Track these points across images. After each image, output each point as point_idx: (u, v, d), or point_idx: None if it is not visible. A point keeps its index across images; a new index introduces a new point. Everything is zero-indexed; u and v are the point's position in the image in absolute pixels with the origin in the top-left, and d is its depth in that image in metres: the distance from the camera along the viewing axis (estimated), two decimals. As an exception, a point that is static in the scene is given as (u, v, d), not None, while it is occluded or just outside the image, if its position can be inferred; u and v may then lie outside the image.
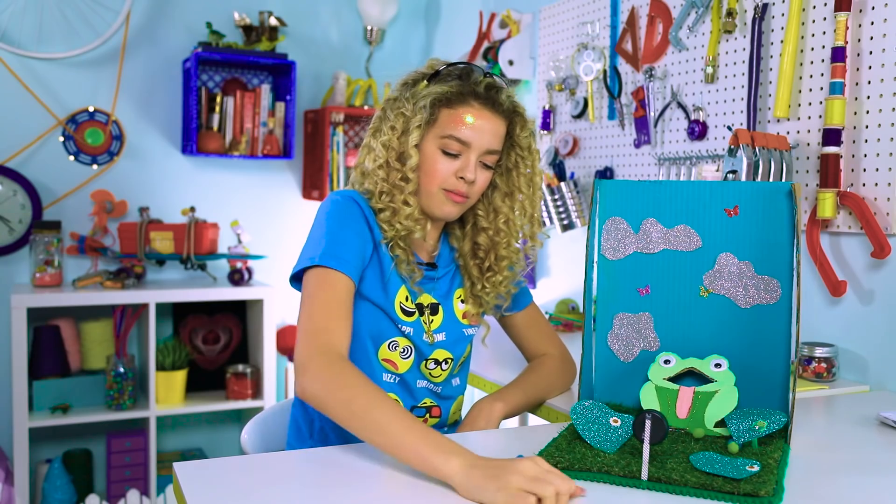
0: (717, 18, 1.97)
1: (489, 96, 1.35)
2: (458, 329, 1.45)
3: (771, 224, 1.24)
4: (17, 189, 2.86)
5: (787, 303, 1.23)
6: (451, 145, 1.35)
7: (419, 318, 1.38)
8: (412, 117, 1.35)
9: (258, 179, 3.24)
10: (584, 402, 1.22)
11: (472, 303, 1.46)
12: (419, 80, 1.39)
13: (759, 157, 1.69)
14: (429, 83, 1.37)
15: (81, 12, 2.92)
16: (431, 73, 1.39)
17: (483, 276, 1.44)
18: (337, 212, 1.33)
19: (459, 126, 1.34)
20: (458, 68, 1.40)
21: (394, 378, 1.38)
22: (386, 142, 1.36)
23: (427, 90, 1.35)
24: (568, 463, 1.05)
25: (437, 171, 1.35)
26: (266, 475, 1.05)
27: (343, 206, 1.34)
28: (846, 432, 1.30)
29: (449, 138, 1.34)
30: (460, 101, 1.35)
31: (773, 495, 0.95)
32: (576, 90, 2.46)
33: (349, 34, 3.38)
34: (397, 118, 1.37)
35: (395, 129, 1.36)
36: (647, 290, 1.31)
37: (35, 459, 2.87)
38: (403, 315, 1.36)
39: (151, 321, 2.76)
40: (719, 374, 1.23)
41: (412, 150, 1.34)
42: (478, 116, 1.35)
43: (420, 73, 1.41)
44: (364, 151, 1.42)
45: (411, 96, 1.37)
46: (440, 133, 1.35)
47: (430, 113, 1.34)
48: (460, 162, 1.36)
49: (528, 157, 1.42)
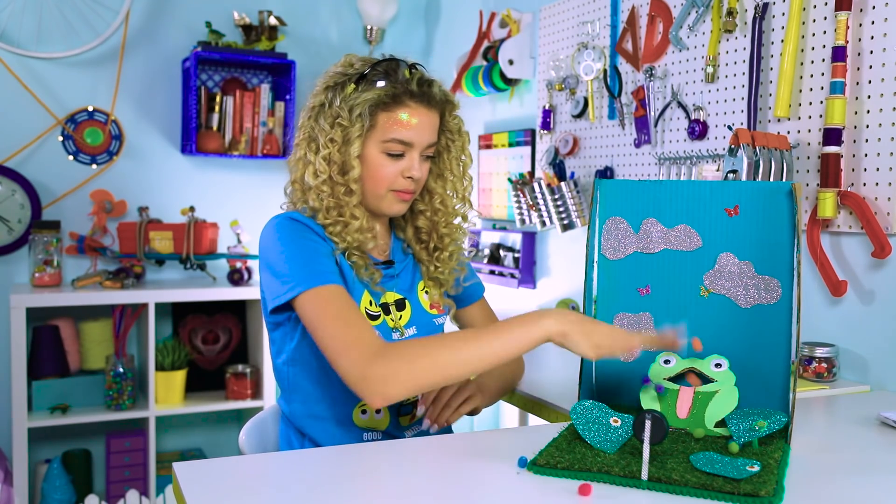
0: (717, 18, 1.96)
1: (423, 92, 1.35)
2: (428, 320, 1.46)
3: (771, 224, 1.24)
4: (17, 189, 2.85)
5: (788, 303, 1.23)
6: (393, 147, 1.35)
7: (384, 320, 1.39)
8: (350, 127, 1.33)
9: (258, 179, 3.24)
10: (584, 402, 1.22)
11: (433, 287, 1.48)
12: (345, 84, 1.36)
13: (759, 156, 1.68)
14: (357, 86, 1.34)
15: (81, 12, 2.91)
16: (357, 74, 1.36)
17: (432, 258, 1.47)
18: (288, 234, 1.31)
19: (400, 128, 1.34)
20: (382, 66, 1.37)
21: None
22: (327, 156, 1.34)
23: (360, 96, 1.33)
24: (568, 463, 1.05)
25: (383, 175, 1.36)
26: (266, 475, 1.04)
27: (290, 226, 1.33)
28: (846, 432, 1.30)
29: (391, 141, 1.34)
30: (396, 102, 1.34)
31: (773, 495, 0.95)
32: (576, 90, 2.46)
33: (349, 34, 3.38)
34: (335, 129, 1.34)
35: (335, 140, 1.34)
36: (647, 290, 1.31)
37: (34, 460, 2.87)
38: (370, 319, 1.36)
39: (151, 321, 2.76)
40: (719, 374, 1.23)
41: (355, 160, 1.33)
42: (416, 115, 1.35)
43: (342, 75, 1.37)
44: (300, 165, 1.39)
45: (343, 103, 1.33)
46: (381, 137, 1.34)
47: (369, 119, 1.33)
48: (405, 161, 1.37)
49: (458, 140, 1.44)
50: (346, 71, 1.37)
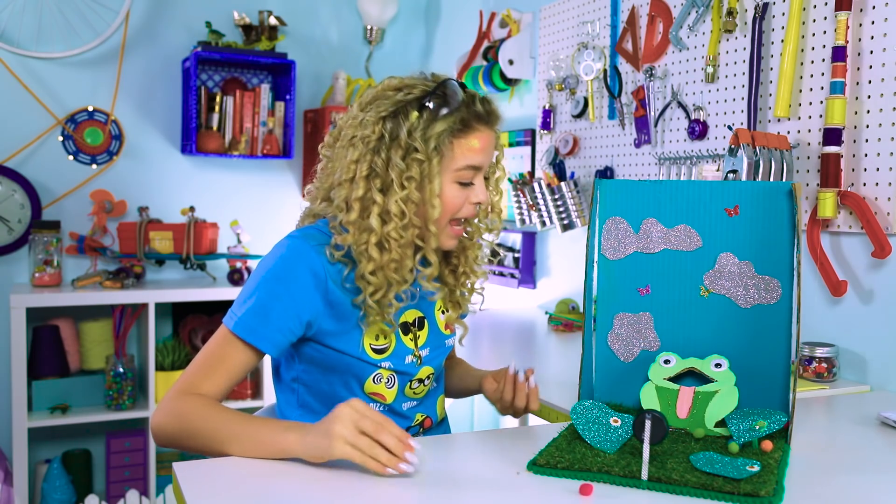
0: (717, 18, 1.96)
1: (487, 112, 1.29)
2: (440, 340, 1.41)
3: (771, 224, 1.24)
4: (17, 189, 2.85)
5: (788, 303, 1.23)
6: (466, 175, 1.28)
7: (400, 342, 1.32)
8: (428, 162, 1.23)
9: (258, 179, 3.24)
10: (585, 402, 1.22)
11: (452, 308, 1.42)
12: (405, 112, 1.25)
13: (759, 156, 1.68)
14: (420, 114, 1.24)
15: (81, 12, 2.91)
16: (415, 100, 1.26)
17: (458, 282, 1.41)
18: (276, 275, 1.23)
19: (472, 154, 1.27)
20: (447, 90, 1.27)
21: (382, 408, 1.33)
22: (406, 197, 1.23)
23: (433, 127, 1.23)
24: (568, 463, 1.05)
25: (454, 206, 1.28)
26: (265, 475, 1.04)
27: (286, 268, 1.23)
28: (846, 432, 1.30)
29: (464, 169, 1.27)
30: (467, 127, 1.26)
31: (773, 495, 0.95)
32: (576, 90, 2.46)
33: (349, 34, 3.38)
34: (411, 165, 1.23)
35: (413, 178, 1.23)
36: (647, 290, 1.31)
37: (34, 460, 2.87)
38: (375, 354, 1.29)
39: (151, 321, 2.76)
40: (719, 374, 1.23)
41: (436, 199, 1.24)
42: (484, 137, 1.28)
43: (398, 103, 1.26)
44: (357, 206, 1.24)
45: (414, 134, 1.23)
46: (454, 167, 1.26)
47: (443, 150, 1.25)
48: (475, 187, 1.30)
49: (500, 154, 1.39)
50: (401, 97, 1.26)
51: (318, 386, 1.32)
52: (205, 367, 1.21)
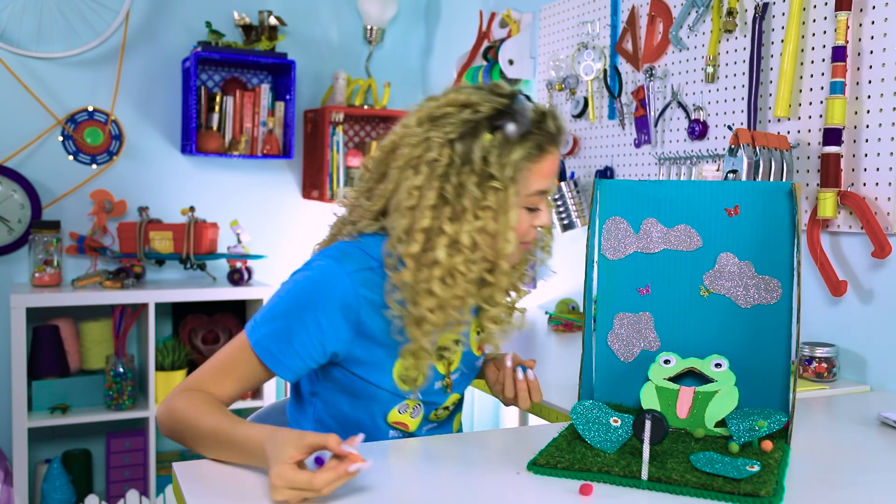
0: (717, 18, 1.96)
1: (559, 129, 1.21)
2: (472, 363, 1.36)
3: (771, 224, 1.24)
4: (17, 189, 2.85)
5: (788, 303, 1.23)
6: (535, 200, 1.21)
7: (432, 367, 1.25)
8: (505, 190, 1.13)
9: (258, 179, 3.24)
10: (585, 402, 1.22)
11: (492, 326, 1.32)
12: (474, 133, 1.14)
13: (759, 156, 1.68)
14: (493, 135, 1.14)
15: (81, 12, 2.91)
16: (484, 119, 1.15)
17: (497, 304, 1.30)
18: (305, 300, 1.15)
19: (544, 179, 1.19)
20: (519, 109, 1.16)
21: (401, 435, 1.29)
22: (481, 228, 1.13)
23: (511, 154, 1.14)
24: (568, 463, 1.05)
25: (521, 233, 1.21)
26: (265, 475, 1.04)
27: (316, 294, 1.15)
28: (846, 432, 1.30)
29: (534, 195, 1.20)
30: (542, 152, 1.18)
31: (773, 495, 0.95)
32: (576, 90, 2.46)
33: (349, 33, 3.38)
34: (487, 194, 1.13)
35: (490, 208, 1.13)
36: (647, 290, 1.31)
37: (34, 459, 2.87)
38: (404, 384, 1.23)
39: (151, 321, 2.76)
40: (719, 374, 1.23)
41: (510, 233, 1.15)
42: (555, 160, 1.21)
43: (467, 121, 1.15)
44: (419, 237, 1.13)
45: (489, 159, 1.13)
46: (525, 192, 1.18)
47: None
48: (541, 212, 1.23)
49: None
50: (469, 116, 1.15)
51: (339, 406, 1.26)
52: (217, 371, 1.18)
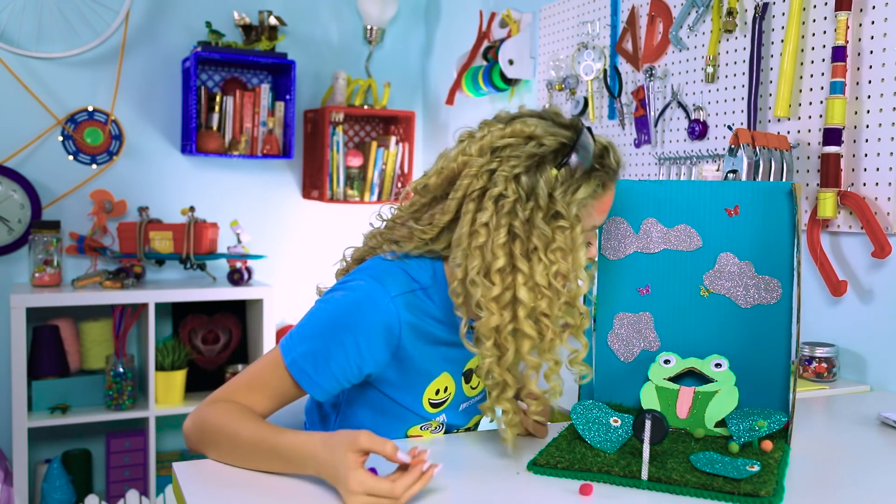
0: (717, 18, 1.96)
1: (618, 164, 1.17)
2: None
3: (771, 224, 1.24)
4: (17, 189, 2.85)
5: (788, 303, 1.23)
6: (591, 236, 1.21)
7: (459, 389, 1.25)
8: (572, 230, 1.09)
9: (258, 179, 3.24)
10: (585, 402, 1.22)
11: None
12: (542, 168, 1.09)
13: (759, 156, 1.68)
14: (558, 169, 1.09)
15: (81, 12, 2.91)
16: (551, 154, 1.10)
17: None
18: (345, 322, 1.12)
19: (602, 215, 1.18)
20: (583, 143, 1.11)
21: None
22: (556, 271, 1.08)
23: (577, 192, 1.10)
24: (568, 463, 1.05)
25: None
26: (265, 474, 1.04)
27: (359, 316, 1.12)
28: (846, 432, 1.30)
29: (591, 230, 1.19)
30: (605, 189, 1.15)
31: (773, 495, 0.95)
32: (576, 90, 2.46)
33: (349, 33, 3.38)
34: (556, 234, 1.08)
35: (563, 248, 1.08)
36: (647, 290, 1.31)
37: (34, 459, 2.87)
38: (432, 408, 1.22)
39: (151, 321, 2.76)
40: (719, 374, 1.23)
41: (583, 273, 1.11)
42: (613, 194, 1.18)
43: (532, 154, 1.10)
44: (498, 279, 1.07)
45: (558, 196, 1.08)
46: (586, 228, 1.15)
47: None
48: (592, 245, 1.22)
49: None
50: (533, 149, 1.10)
51: (360, 419, 1.24)
52: (248, 384, 1.15)
